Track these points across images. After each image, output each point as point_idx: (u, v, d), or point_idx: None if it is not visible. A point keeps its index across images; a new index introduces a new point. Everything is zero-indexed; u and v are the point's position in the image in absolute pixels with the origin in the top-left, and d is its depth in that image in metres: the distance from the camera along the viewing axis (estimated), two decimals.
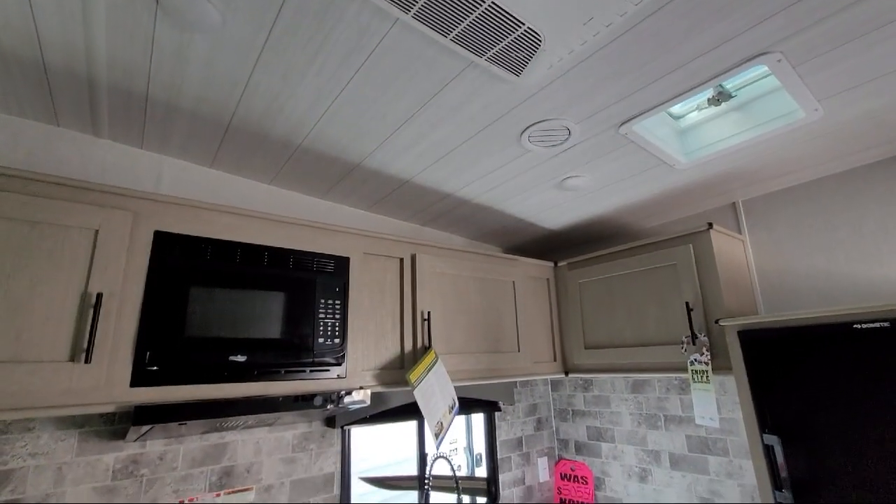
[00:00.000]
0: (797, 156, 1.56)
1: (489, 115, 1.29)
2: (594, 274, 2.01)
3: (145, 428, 1.13)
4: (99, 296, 1.00)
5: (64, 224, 1.01)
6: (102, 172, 1.40)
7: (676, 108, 1.56)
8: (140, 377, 1.03)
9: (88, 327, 0.98)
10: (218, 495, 1.40)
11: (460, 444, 2.30)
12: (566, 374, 2.07)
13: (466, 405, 2.06)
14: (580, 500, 2.23)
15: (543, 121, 1.32)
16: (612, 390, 2.22)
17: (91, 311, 0.99)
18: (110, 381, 1.01)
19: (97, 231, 1.04)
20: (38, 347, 0.94)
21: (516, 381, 2.35)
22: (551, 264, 2.18)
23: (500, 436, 2.21)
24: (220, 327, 1.14)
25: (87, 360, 0.97)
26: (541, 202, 1.92)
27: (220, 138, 1.40)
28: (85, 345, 0.98)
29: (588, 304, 2.02)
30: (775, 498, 1.31)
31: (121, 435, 1.28)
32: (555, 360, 2.05)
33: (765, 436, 1.35)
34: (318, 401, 1.23)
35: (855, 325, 1.23)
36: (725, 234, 1.73)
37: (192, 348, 1.10)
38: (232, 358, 1.14)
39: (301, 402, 1.21)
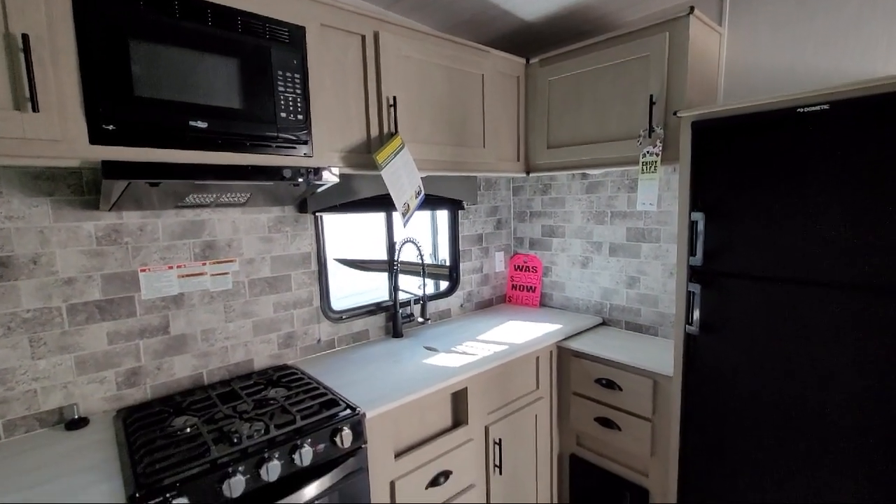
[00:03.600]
0: None
1: None
2: (565, 70, 1.95)
3: (115, 194, 1.16)
4: (25, 38, 0.90)
5: None
6: None
7: None
8: (98, 135, 1.01)
9: (24, 72, 0.91)
10: (204, 264, 1.54)
11: (426, 250, 2.52)
12: (528, 173, 2.18)
13: (433, 202, 2.19)
14: (529, 284, 2.59)
15: None
16: (568, 192, 2.39)
17: (21, 56, 0.91)
18: (67, 136, 0.98)
19: None
20: None
21: (480, 183, 2.47)
22: (523, 60, 2.08)
23: (463, 231, 2.42)
24: (172, 89, 1.09)
25: (34, 109, 0.92)
26: None
27: None
28: (27, 93, 0.92)
29: (555, 103, 2.02)
30: (689, 262, 1.56)
31: (93, 205, 1.31)
32: (518, 159, 2.12)
33: (692, 213, 1.53)
34: (287, 172, 1.27)
35: (798, 109, 1.30)
36: (704, 23, 1.66)
37: (147, 108, 1.06)
38: (192, 123, 1.12)
39: (270, 174, 1.25)
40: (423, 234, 2.53)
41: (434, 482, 1.54)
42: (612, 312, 2.27)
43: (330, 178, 1.35)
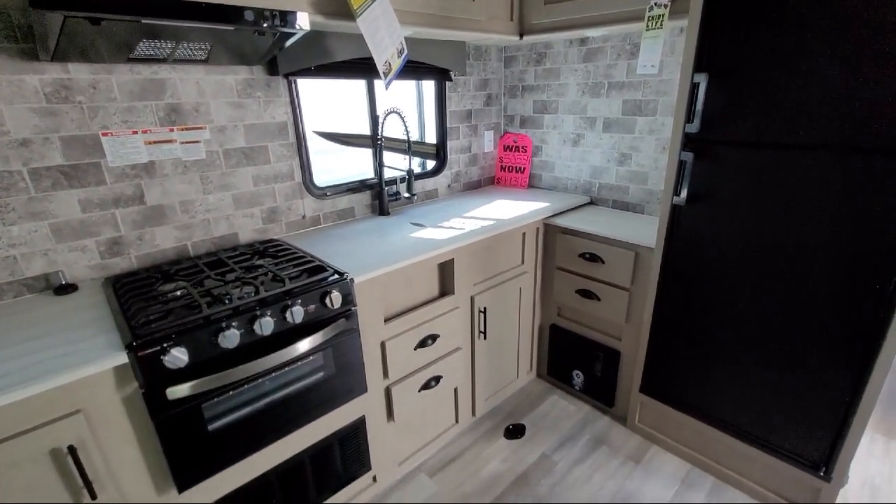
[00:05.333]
0: None
1: None
2: None
3: (52, 37, 1.01)
4: None
5: None
6: None
7: None
8: None
9: None
10: (172, 130, 1.43)
11: (412, 128, 2.37)
12: (521, 36, 1.98)
13: (418, 71, 2.02)
14: (518, 165, 2.53)
15: None
16: (563, 61, 2.21)
17: None
18: None
19: None
20: None
21: (469, 52, 2.26)
22: None
23: (450, 107, 2.28)
24: None
25: None
26: None
27: None
28: None
29: None
30: (685, 129, 1.50)
31: (32, 55, 1.16)
32: (511, 18, 1.91)
33: (696, 74, 1.43)
34: (248, 14, 1.11)
35: None
36: None
37: None
38: None
39: (229, 15, 1.09)
40: (409, 112, 2.37)
41: (422, 344, 1.64)
42: (601, 192, 2.25)
43: (299, 23, 1.19)
